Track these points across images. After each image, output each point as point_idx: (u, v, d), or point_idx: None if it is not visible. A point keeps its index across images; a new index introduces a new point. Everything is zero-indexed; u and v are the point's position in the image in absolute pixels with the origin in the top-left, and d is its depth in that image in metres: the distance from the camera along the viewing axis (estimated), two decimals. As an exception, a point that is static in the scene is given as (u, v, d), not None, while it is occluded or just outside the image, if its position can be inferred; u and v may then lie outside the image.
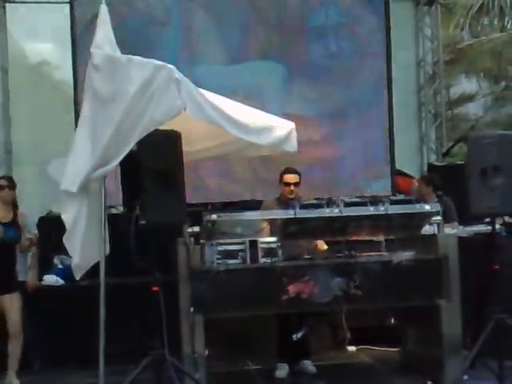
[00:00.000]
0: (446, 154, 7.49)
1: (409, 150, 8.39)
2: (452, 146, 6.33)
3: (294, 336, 4.92)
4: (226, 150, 5.10)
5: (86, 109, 4.31)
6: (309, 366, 5.14)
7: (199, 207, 5.85)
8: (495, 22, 12.03)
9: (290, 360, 5.14)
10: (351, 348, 5.79)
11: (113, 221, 4.42)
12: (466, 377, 4.50)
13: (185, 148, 4.19)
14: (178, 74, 4.04)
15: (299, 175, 5.21)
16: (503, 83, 15.29)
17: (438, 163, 8.22)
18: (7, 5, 7.71)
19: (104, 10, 4.38)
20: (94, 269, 4.36)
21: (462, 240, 4.79)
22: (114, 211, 6.17)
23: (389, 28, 7.75)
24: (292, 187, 5.10)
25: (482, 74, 14.23)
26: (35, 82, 7.64)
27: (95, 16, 4.48)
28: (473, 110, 15.38)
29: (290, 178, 5.14)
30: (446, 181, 6.14)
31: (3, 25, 7.71)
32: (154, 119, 3.97)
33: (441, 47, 8.83)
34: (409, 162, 8.27)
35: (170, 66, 4.06)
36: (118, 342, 5.16)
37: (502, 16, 11.84)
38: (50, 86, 7.67)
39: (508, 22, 11.84)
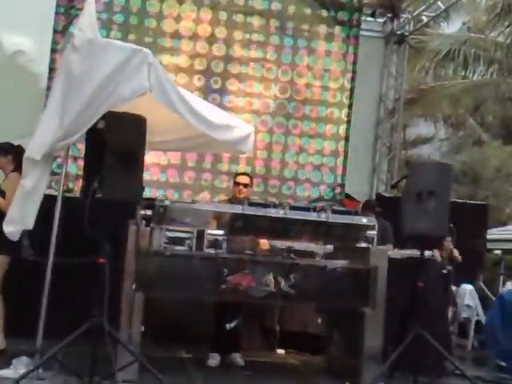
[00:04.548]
0: (394, 187, 7.86)
1: (360, 177, 8.78)
2: (400, 180, 6.70)
3: (227, 325, 5.19)
4: (184, 145, 5.38)
5: (57, 85, 4.46)
6: (237, 358, 5.35)
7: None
8: (458, 71, 12.59)
9: (220, 351, 5.34)
10: (280, 351, 6.06)
11: (68, 201, 4.57)
12: (381, 384, 4.74)
13: (147, 138, 4.34)
14: (152, 59, 4.26)
15: (251, 179, 5.56)
16: (461, 133, 15.95)
17: (385, 194, 8.61)
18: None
19: (90, 1, 4.61)
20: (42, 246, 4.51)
21: (395, 261, 5.09)
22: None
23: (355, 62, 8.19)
24: (241, 187, 5.41)
25: (440, 120, 14.90)
26: (9, 71, 7.62)
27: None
28: (427, 152, 16.03)
29: (242, 178, 5.50)
30: (391, 210, 6.48)
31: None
32: (121, 96, 4.18)
33: (403, 85, 9.25)
34: (359, 189, 8.63)
35: (147, 50, 4.29)
36: (61, 314, 5.35)
37: (465, 65, 12.41)
38: (23, 76, 7.66)
39: (470, 71, 12.40)
